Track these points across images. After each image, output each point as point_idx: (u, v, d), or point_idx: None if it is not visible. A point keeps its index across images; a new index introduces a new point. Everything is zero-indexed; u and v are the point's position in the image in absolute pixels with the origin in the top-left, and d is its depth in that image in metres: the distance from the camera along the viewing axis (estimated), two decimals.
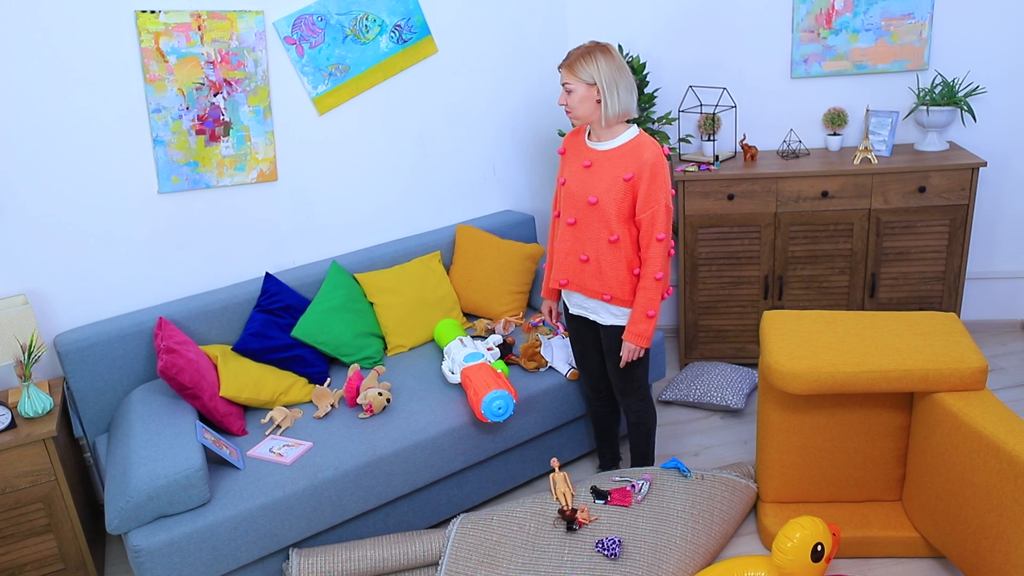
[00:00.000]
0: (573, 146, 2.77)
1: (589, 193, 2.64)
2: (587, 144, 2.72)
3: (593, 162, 2.67)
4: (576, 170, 2.71)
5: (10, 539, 2.71)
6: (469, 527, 2.76)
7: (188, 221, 3.22)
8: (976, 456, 2.37)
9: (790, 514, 2.87)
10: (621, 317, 2.75)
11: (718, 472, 2.97)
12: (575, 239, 2.73)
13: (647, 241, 2.62)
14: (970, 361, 2.54)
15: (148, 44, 2.97)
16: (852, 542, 2.77)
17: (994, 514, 2.31)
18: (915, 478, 2.71)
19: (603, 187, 2.61)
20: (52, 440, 2.69)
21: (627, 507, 2.80)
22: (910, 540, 2.74)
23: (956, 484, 2.47)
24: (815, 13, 3.86)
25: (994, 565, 2.33)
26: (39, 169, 2.88)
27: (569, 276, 2.79)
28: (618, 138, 2.65)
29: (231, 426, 2.86)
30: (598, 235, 2.66)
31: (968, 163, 3.57)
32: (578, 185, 2.68)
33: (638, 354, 2.72)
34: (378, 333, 3.38)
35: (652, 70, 4.09)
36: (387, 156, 3.68)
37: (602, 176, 2.63)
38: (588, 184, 2.65)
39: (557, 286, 2.85)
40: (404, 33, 3.57)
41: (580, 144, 2.75)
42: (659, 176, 2.57)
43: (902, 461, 2.81)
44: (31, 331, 2.79)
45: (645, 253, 2.64)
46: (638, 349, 2.71)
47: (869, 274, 3.78)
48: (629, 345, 2.70)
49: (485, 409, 2.79)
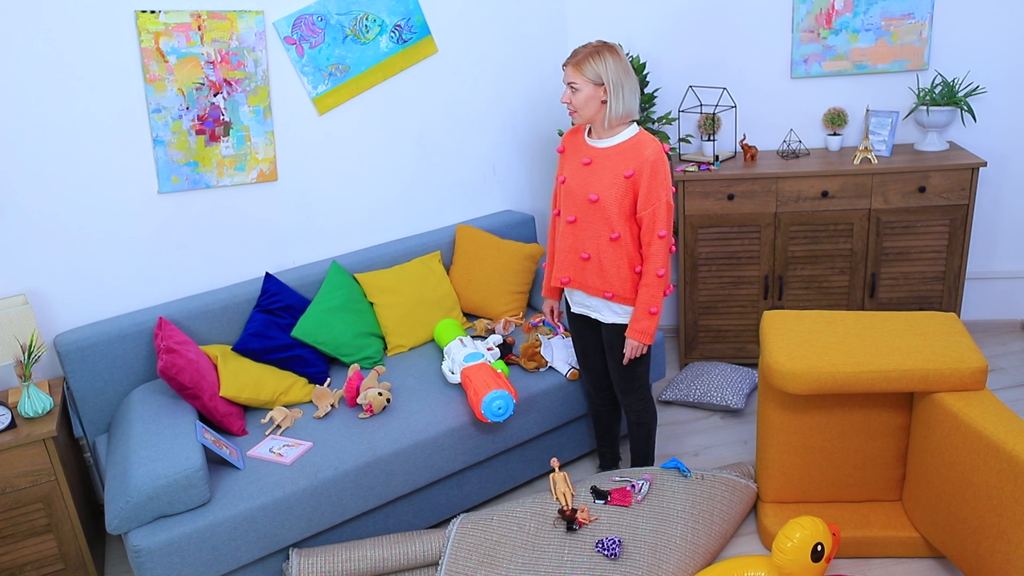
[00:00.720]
0: (572, 144, 2.76)
1: (590, 191, 2.63)
2: (587, 142, 2.71)
3: (593, 160, 2.66)
4: (576, 168, 2.71)
5: (10, 539, 2.71)
6: (469, 527, 2.76)
7: (188, 221, 3.22)
8: (976, 456, 2.37)
9: (790, 514, 2.87)
10: (623, 315, 2.75)
11: (718, 472, 2.97)
12: (575, 237, 2.73)
13: (648, 238, 2.62)
14: (970, 361, 2.54)
15: (148, 44, 2.97)
16: (852, 542, 2.77)
17: (994, 514, 2.31)
18: (915, 478, 2.71)
19: (604, 185, 2.61)
20: (52, 440, 2.69)
21: (627, 507, 2.80)
22: (910, 540, 2.74)
23: (956, 484, 2.47)
24: (815, 13, 3.86)
25: (994, 565, 2.33)
26: (39, 169, 2.88)
27: (570, 274, 2.79)
28: (618, 136, 2.64)
29: (231, 426, 2.86)
30: (599, 233, 2.66)
31: (968, 163, 3.57)
32: (578, 183, 2.68)
33: (641, 351, 2.72)
34: (378, 333, 3.38)
35: (652, 70, 4.09)
36: (387, 156, 3.68)
37: (603, 174, 2.62)
38: (588, 182, 2.65)
39: (559, 284, 2.84)
40: (404, 33, 3.57)
41: (580, 142, 2.74)
42: (660, 173, 2.57)
43: (902, 461, 2.81)
44: (31, 331, 2.79)
45: (646, 250, 2.64)
46: (641, 346, 2.71)
47: (869, 274, 3.78)
48: (632, 342, 2.70)
49: (485, 409, 2.79)
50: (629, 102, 2.59)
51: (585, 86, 2.56)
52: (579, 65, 2.56)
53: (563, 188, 2.75)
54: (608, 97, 2.57)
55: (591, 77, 2.55)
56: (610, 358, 2.87)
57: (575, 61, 2.57)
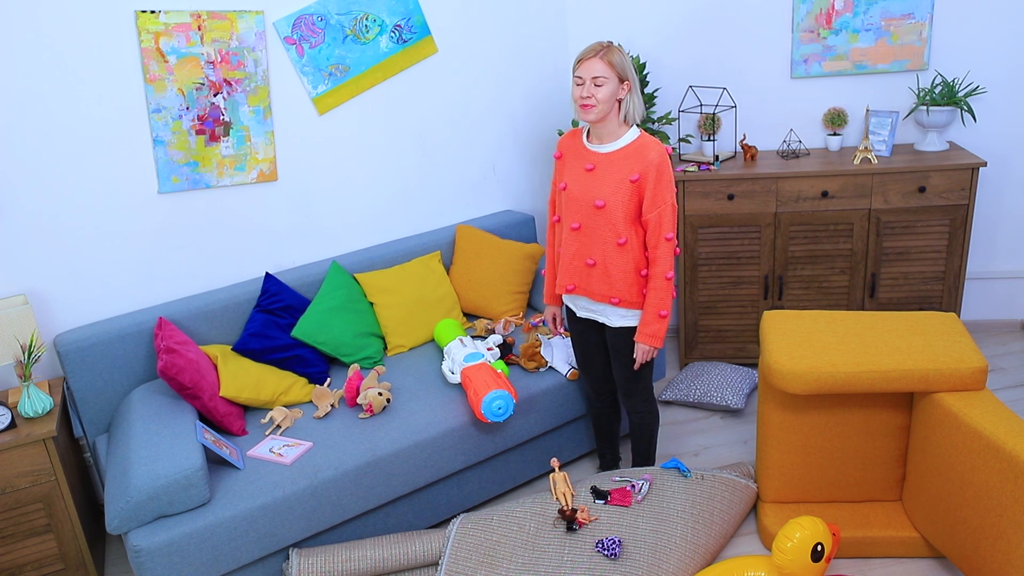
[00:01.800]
0: (571, 149, 2.72)
1: (595, 197, 2.60)
2: (587, 147, 2.67)
3: (596, 165, 2.63)
4: (578, 174, 2.67)
5: (10, 539, 2.71)
6: (469, 527, 2.76)
7: (188, 221, 3.22)
8: (976, 456, 2.37)
9: (790, 514, 2.87)
10: (630, 318, 2.73)
11: (718, 472, 2.97)
12: (580, 243, 2.70)
13: (655, 241, 2.60)
14: (970, 361, 2.54)
15: (148, 44, 2.97)
16: (852, 542, 2.77)
17: (994, 514, 2.31)
18: (915, 478, 2.71)
19: (610, 190, 2.58)
20: (52, 440, 2.69)
21: (627, 507, 2.80)
22: (910, 540, 2.74)
23: (956, 484, 2.47)
24: (815, 13, 3.86)
25: (994, 565, 2.33)
26: (39, 169, 2.88)
27: (576, 281, 2.76)
28: (621, 139, 2.61)
29: (231, 426, 2.86)
30: (605, 238, 2.63)
31: (968, 163, 3.57)
32: (582, 190, 2.64)
33: (651, 355, 2.71)
34: (378, 333, 3.38)
35: (652, 70, 4.09)
36: (387, 156, 3.68)
37: (607, 179, 2.59)
38: (593, 188, 2.61)
39: (564, 291, 2.82)
40: (404, 33, 3.57)
41: (579, 147, 2.70)
42: (665, 175, 2.55)
43: (902, 461, 2.81)
44: (31, 331, 2.79)
45: (653, 253, 2.61)
46: (651, 350, 2.69)
47: (869, 274, 3.78)
48: (642, 347, 2.68)
49: (485, 409, 2.79)
50: (641, 103, 2.59)
51: (611, 79, 2.51)
52: (607, 57, 2.50)
53: (565, 195, 2.70)
54: (628, 94, 2.54)
55: (618, 71, 2.51)
56: (615, 361, 2.85)
57: (603, 54, 2.50)
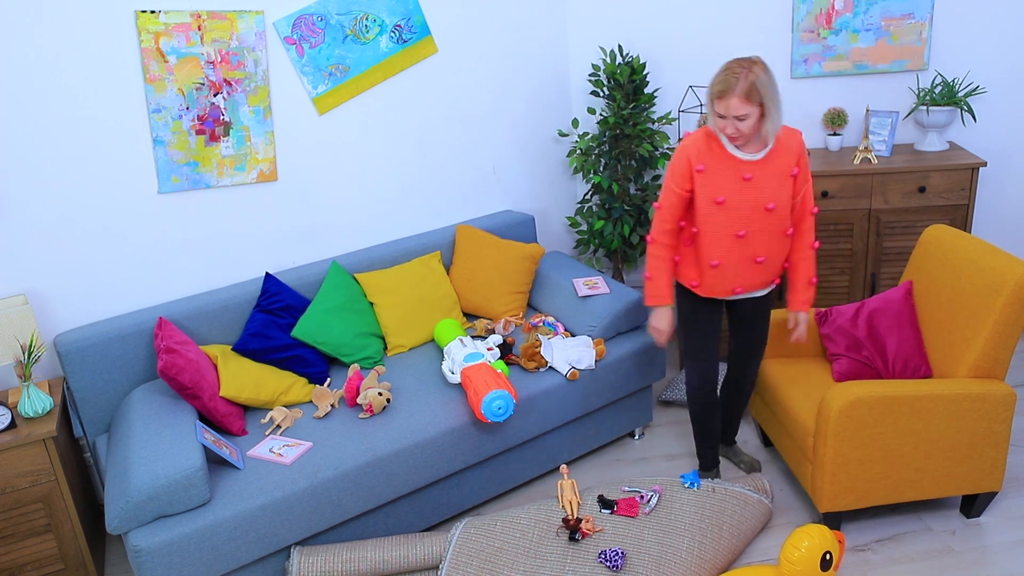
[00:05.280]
0: (713, 161, 2.64)
1: (765, 202, 2.63)
2: (736, 156, 2.63)
3: (754, 174, 2.63)
4: (736, 185, 2.63)
5: (10, 539, 2.71)
6: (472, 532, 2.75)
7: (188, 221, 3.22)
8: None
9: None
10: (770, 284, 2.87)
11: (730, 485, 2.91)
12: (748, 247, 2.70)
13: (802, 215, 2.75)
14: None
15: (148, 44, 2.97)
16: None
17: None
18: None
19: (776, 191, 2.64)
20: (52, 440, 2.69)
21: (633, 518, 2.78)
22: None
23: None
24: (815, 13, 3.86)
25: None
26: (39, 169, 2.88)
27: (743, 283, 2.77)
28: (770, 141, 2.62)
29: (231, 426, 2.86)
30: (774, 235, 2.70)
31: (968, 163, 3.57)
32: (746, 198, 2.63)
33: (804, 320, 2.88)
34: (378, 333, 3.38)
35: (652, 70, 4.09)
36: (387, 156, 3.68)
37: (769, 182, 2.63)
38: (759, 194, 2.62)
39: (726, 295, 2.81)
40: (404, 33, 3.57)
41: (725, 158, 2.63)
42: (805, 156, 2.69)
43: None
44: (31, 331, 2.79)
45: (800, 227, 2.76)
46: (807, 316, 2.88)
47: (869, 274, 3.78)
48: (801, 315, 2.86)
49: (485, 409, 2.79)
50: (780, 112, 2.56)
51: (753, 113, 2.50)
52: (748, 95, 2.47)
53: (719, 207, 2.64)
54: (769, 113, 2.52)
55: (758, 101, 2.49)
56: (749, 328, 2.96)
57: (742, 92, 2.46)
